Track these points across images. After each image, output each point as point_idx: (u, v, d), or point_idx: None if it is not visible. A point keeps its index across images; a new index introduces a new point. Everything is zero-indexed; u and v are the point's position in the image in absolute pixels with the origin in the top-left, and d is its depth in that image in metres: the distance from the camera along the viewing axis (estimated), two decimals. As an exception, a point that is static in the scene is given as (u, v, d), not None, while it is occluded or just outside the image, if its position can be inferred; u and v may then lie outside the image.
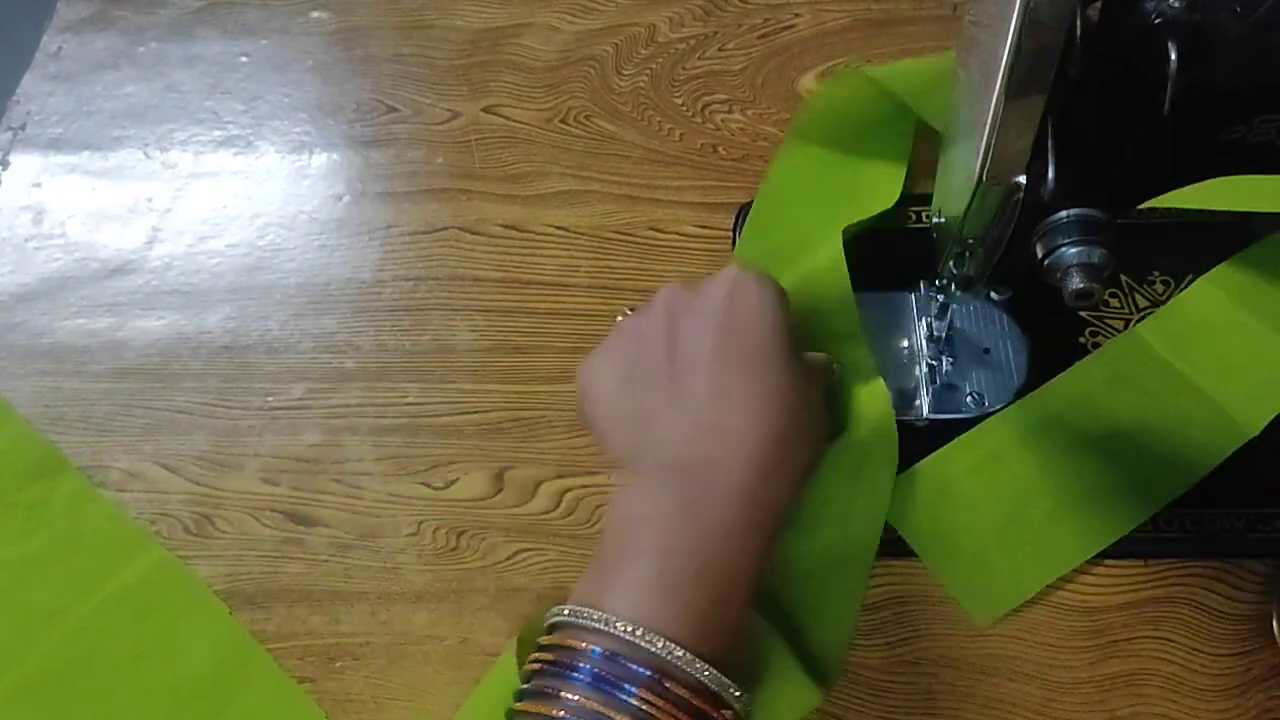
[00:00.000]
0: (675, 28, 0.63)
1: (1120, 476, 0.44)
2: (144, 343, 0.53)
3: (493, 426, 0.50)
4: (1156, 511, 0.43)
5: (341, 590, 0.46)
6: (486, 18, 0.64)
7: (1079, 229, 0.36)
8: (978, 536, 0.44)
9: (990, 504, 0.45)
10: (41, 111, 0.62)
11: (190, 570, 0.46)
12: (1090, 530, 0.44)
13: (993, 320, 0.50)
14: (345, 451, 0.49)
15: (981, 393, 0.47)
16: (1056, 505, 0.44)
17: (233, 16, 0.66)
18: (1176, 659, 0.42)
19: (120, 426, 0.51)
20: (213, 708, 0.43)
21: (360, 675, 0.44)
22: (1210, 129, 0.34)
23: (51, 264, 0.56)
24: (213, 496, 0.48)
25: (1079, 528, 0.44)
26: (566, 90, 0.61)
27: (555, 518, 0.47)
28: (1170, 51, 0.31)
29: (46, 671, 0.44)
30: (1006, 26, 0.31)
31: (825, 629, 0.42)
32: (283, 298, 0.54)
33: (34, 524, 0.48)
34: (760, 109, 0.59)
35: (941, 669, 0.42)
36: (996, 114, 0.33)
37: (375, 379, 0.51)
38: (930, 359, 0.48)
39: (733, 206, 0.55)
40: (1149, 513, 0.43)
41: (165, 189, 0.59)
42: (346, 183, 0.59)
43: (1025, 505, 0.44)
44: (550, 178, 0.58)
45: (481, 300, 0.54)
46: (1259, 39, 0.31)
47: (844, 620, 0.42)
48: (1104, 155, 0.35)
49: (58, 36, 0.66)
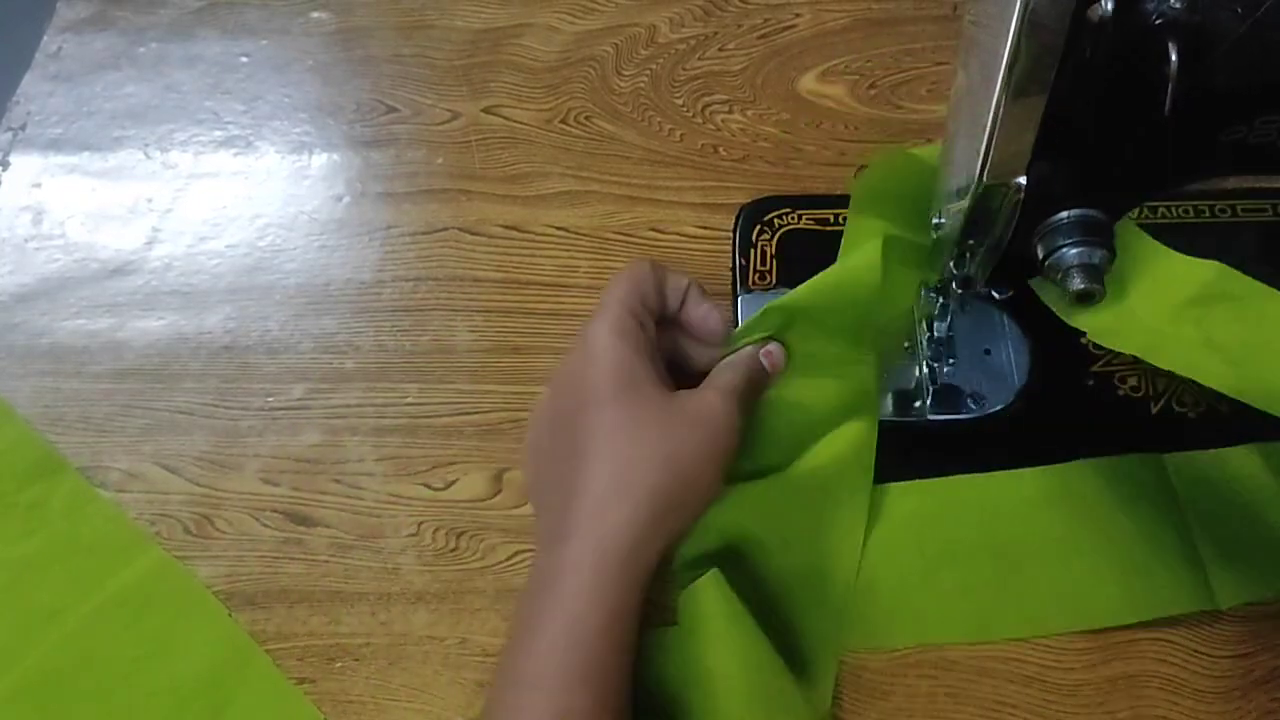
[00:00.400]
0: (675, 28, 0.63)
1: (1046, 581, 0.43)
2: (144, 343, 0.53)
3: (492, 427, 0.50)
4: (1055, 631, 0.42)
5: (341, 591, 0.46)
6: (486, 18, 0.64)
7: (1079, 229, 0.36)
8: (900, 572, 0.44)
9: (914, 553, 0.44)
10: (41, 112, 0.62)
11: (189, 571, 0.46)
12: (978, 619, 0.43)
13: (993, 321, 0.50)
14: (345, 452, 0.49)
15: (982, 394, 0.47)
16: (973, 581, 0.43)
17: (233, 16, 0.66)
18: (1176, 660, 0.42)
19: (120, 427, 0.51)
20: (211, 709, 0.43)
21: (360, 676, 0.44)
22: (1210, 129, 0.34)
23: (51, 264, 0.56)
24: (213, 497, 0.48)
25: (982, 607, 0.43)
26: (566, 91, 0.61)
27: (555, 518, 0.47)
28: (1170, 51, 0.31)
29: (45, 672, 0.44)
30: (1006, 26, 0.31)
31: (812, 648, 0.42)
32: (283, 298, 0.54)
33: (33, 524, 0.48)
34: (760, 109, 0.59)
35: (942, 671, 0.42)
36: (996, 114, 0.33)
37: (375, 379, 0.51)
38: (930, 360, 0.48)
39: (733, 207, 0.55)
40: (1043, 629, 0.42)
41: (165, 189, 0.59)
42: (346, 183, 0.58)
43: (943, 569, 0.44)
44: (550, 178, 0.58)
45: (481, 301, 0.54)
46: (1259, 39, 0.31)
47: (829, 642, 0.42)
48: (1104, 155, 0.35)
49: (58, 36, 0.66)
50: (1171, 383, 0.48)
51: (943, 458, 0.46)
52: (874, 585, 0.43)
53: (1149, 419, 0.47)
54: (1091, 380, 0.48)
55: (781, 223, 0.54)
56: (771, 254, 0.53)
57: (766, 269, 0.52)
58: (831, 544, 0.44)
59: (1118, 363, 0.48)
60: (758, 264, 0.53)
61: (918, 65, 0.60)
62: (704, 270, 0.53)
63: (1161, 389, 0.48)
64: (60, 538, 0.47)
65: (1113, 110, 0.34)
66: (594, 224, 0.56)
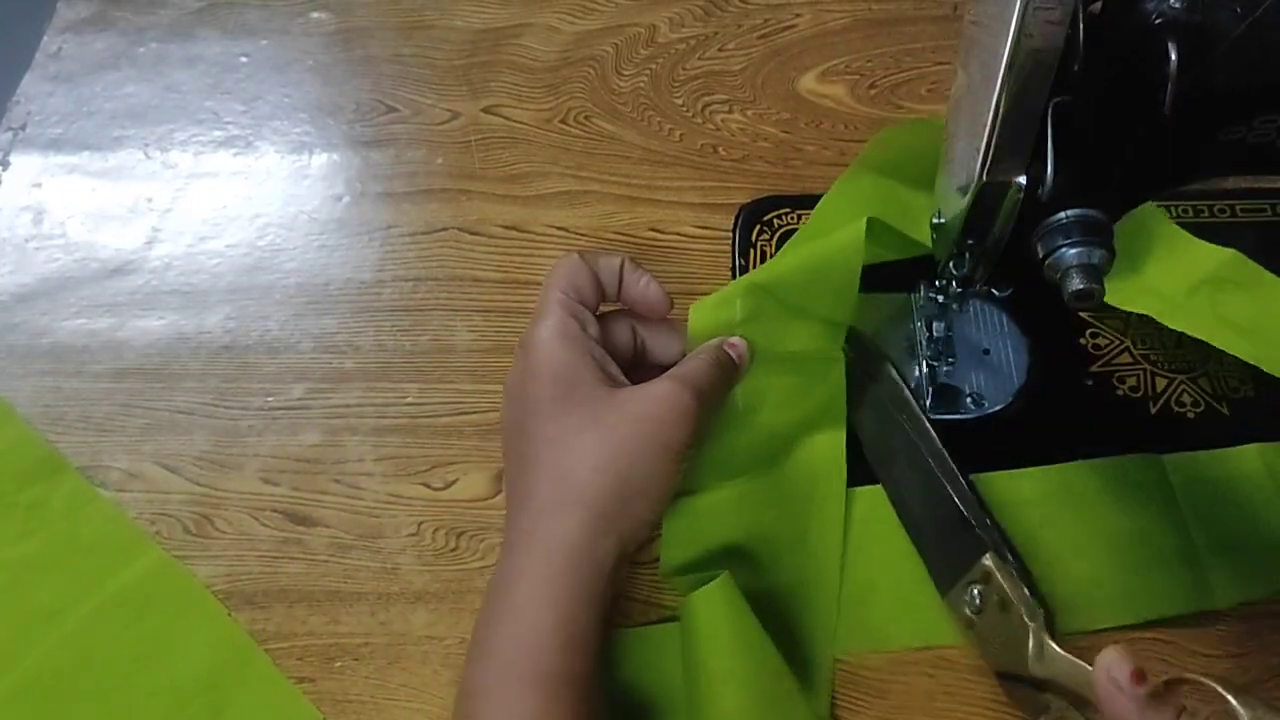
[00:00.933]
0: (675, 28, 0.63)
1: (1045, 581, 0.42)
2: (144, 343, 0.53)
3: (492, 427, 0.50)
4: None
5: (341, 590, 0.46)
6: (486, 18, 0.64)
7: (1079, 229, 0.36)
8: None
9: (912, 555, 0.44)
10: (41, 111, 0.62)
11: (189, 571, 0.46)
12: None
13: (993, 321, 0.50)
14: (345, 452, 0.49)
15: (981, 393, 0.47)
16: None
17: (233, 16, 0.66)
18: (1176, 660, 0.42)
19: (120, 426, 0.51)
20: (210, 708, 0.43)
21: (359, 675, 0.44)
22: (1210, 129, 0.34)
23: (51, 264, 0.56)
24: (213, 496, 0.48)
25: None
26: (566, 90, 0.61)
27: (555, 518, 0.47)
28: (1170, 51, 0.31)
29: (45, 672, 0.44)
30: (1006, 26, 0.31)
31: (808, 655, 0.42)
32: (283, 298, 0.54)
33: (33, 525, 0.48)
34: (760, 109, 0.59)
35: (940, 670, 0.42)
36: (996, 114, 0.33)
37: (375, 379, 0.51)
38: (930, 359, 0.48)
39: (733, 207, 0.55)
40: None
41: (165, 189, 0.59)
42: (346, 183, 0.58)
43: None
44: (550, 178, 0.58)
45: (481, 300, 0.54)
46: (1259, 39, 0.31)
47: (824, 648, 0.42)
48: (1104, 155, 0.35)
49: (58, 36, 0.66)
50: (1171, 382, 0.48)
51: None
52: (873, 587, 0.43)
53: (1149, 419, 0.47)
54: (1091, 380, 0.48)
55: (781, 223, 0.54)
56: (771, 254, 0.53)
57: (766, 269, 0.52)
58: (813, 553, 0.44)
59: (1117, 362, 0.48)
60: (757, 264, 0.52)
61: (918, 65, 0.60)
62: (704, 270, 0.53)
63: (1161, 389, 0.48)
64: (60, 538, 0.47)
65: (1113, 110, 0.34)
66: (594, 224, 0.56)
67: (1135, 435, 0.46)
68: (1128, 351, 0.49)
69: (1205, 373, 0.48)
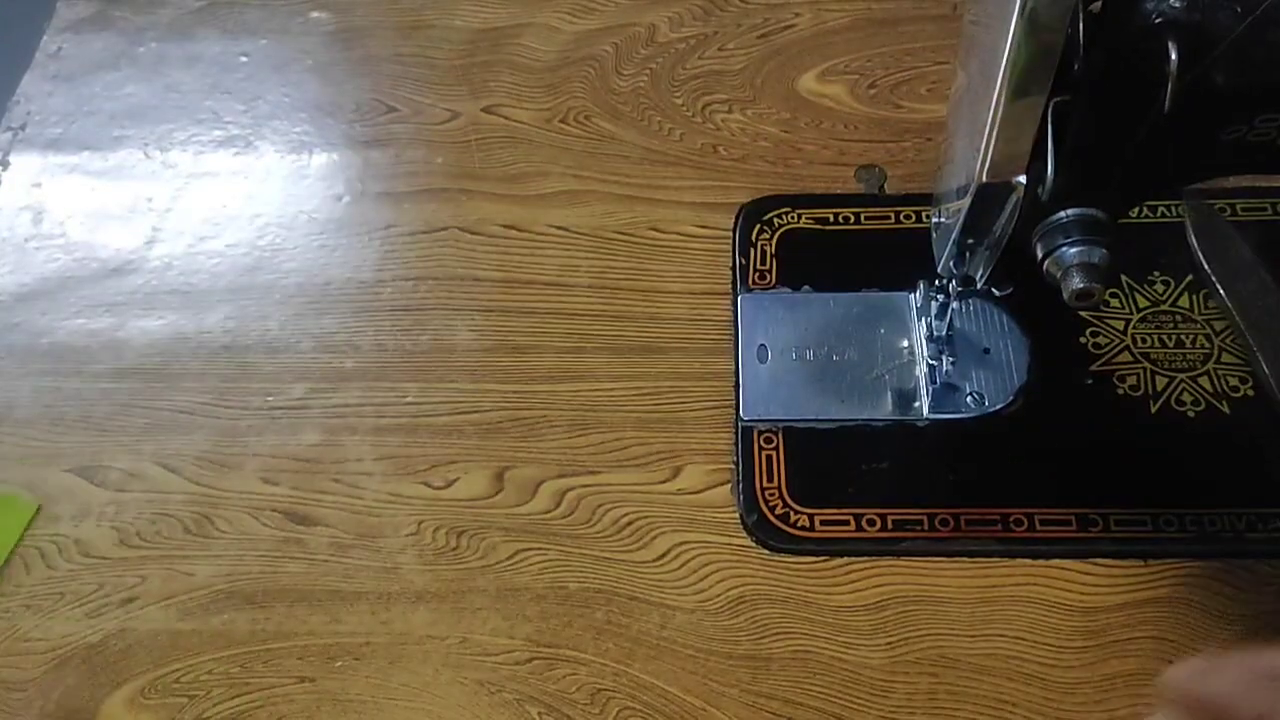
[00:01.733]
0: (675, 28, 0.63)
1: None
2: (144, 343, 0.53)
3: (492, 426, 0.50)
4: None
5: (341, 590, 0.46)
6: (486, 18, 0.64)
7: (1079, 229, 0.36)
8: None
9: None
10: (41, 111, 0.62)
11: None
12: None
13: (993, 320, 0.50)
14: (345, 451, 0.49)
15: (981, 392, 0.47)
16: None
17: (233, 16, 0.66)
18: (1176, 659, 0.42)
19: (120, 426, 0.51)
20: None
21: (360, 675, 0.44)
22: (1210, 129, 0.34)
23: (51, 264, 0.56)
24: (213, 496, 0.48)
25: None
26: (566, 90, 0.61)
27: (555, 517, 0.47)
28: (1170, 51, 0.31)
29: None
30: (1006, 26, 0.31)
31: None
32: (282, 298, 0.54)
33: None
34: (760, 109, 0.59)
35: (942, 669, 0.42)
36: (996, 114, 0.33)
37: (375, 379, 0.51)
38: (930, 359, 0.48)
39: (733, 206, 0.55)
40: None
41: (165, 189, 0.59)
42: (346, 183, 0.58)
43: None
44: (550, 178, 0.58)
45: (481, 300, 0.54)
46: (1259, 39, 0.31)
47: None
48: (1104, 155, 0.35)
49: (58, 36, 0.66)
50: (1171, 382, 0.48)
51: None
52: None
53: (1149, 418, 0.47)
54: (1091, 380, 0.48)
55: (781, 222, 0.54)
56: (771, 253, 0.53)
57: (766, 268, 0.53)
58: None
59: (1117, 362, 0.48)
60: (757, 263, 0.53)
61: (918, 65, 0.60)
62: (704, 270, 0.53)
63: (1161, 388, 0.48)
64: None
65: (1113, 110, 0.34)
66: (594, 223, 0.56)
67: (1135, 435, 0.46)
68: (1128, 351, 0.49)
69: (1205, 372, 0.48)
